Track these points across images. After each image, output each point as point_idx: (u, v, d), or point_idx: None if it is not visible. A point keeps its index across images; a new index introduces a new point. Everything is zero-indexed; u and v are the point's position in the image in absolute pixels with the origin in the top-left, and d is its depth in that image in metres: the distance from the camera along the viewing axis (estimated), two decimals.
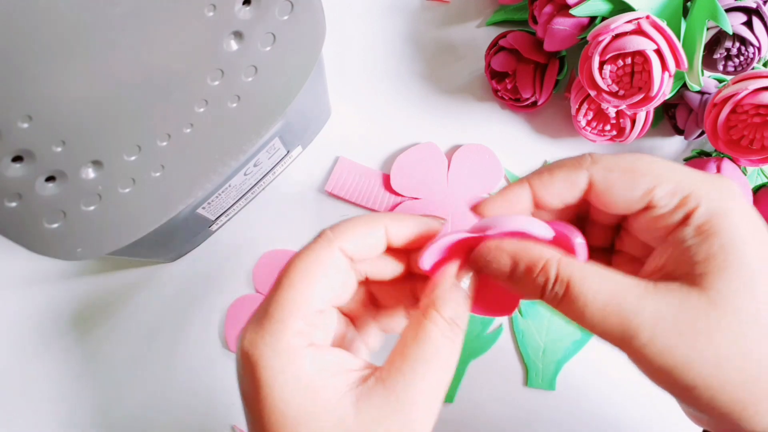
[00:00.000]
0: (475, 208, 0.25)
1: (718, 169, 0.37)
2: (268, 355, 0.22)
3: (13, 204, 0.26)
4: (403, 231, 0.25)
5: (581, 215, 0.27)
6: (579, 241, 0.24)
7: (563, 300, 0.22)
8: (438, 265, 0.25)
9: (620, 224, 0.26)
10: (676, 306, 0.21)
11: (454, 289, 0.24)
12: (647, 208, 0.23)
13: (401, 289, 0.27)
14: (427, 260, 0.25)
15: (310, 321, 0.23)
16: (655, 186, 0.23)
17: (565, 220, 0.26)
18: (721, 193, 0.22)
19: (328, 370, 0.22)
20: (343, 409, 0.22)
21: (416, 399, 0.22)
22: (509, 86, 0.43)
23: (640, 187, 0.23)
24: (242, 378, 0.22)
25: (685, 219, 0.22)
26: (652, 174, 0.23)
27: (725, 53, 0.38)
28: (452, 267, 0.24)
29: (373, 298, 0.28)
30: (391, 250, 0.26)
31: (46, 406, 0.41)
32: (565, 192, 0.24)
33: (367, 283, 0.27)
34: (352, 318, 0.28)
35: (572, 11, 0.38)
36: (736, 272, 0.21)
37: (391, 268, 0.26)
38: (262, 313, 0.23)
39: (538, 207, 0.25)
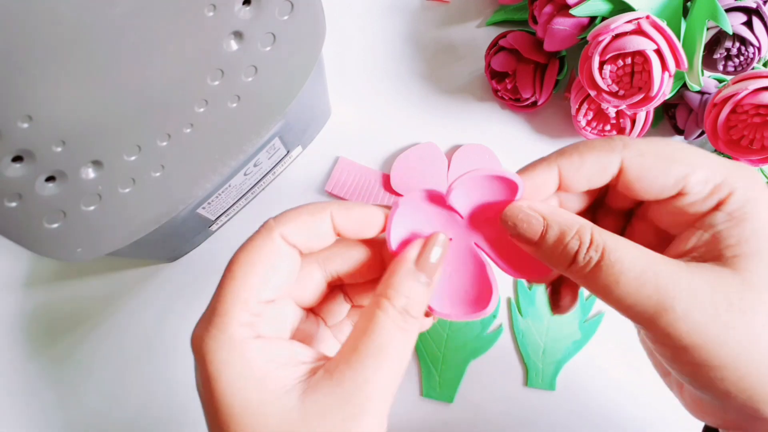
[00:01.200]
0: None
1: None
2: (214, 348, 0.22)
3: (13, 204, 0.26)
4: (349, 219, 0.24)
5: (598, 198, 0.26)
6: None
7: (596, 267, 0.21)
8: (406, 243, 0.24)
9: (633, 210, 0.26)
10: (712, 283, 0.21)
11: (408, 276, 0.23)
12: (678, 194, 0.23)
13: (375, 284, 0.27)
14: (393, 239, 0.24)
15: (255, 312, 0.23)
16: (689, 173, 0.22)
17: (583, 205, 0.26)
18: (752, 182, 0.22)
19: (275, 362, 0.22)
20: (289, 400, 0.21)
21: (364, 392, 0.21)
22: (509, 86, 0.43)
23: (674, 173, 0.22)
24: (196, 373, 0.23)
25: (718, 205, 0.22)
26: (686, 160, 0.22)
27: (725, 53, 0.38)
28: (411, 250, 0.24)
29: (347, 295, 0.28)
30: (363, 242, 0.26)
31: (45, 406, 0.41)
32: (595, 176, 0.23)
33: (340, 285, 0.27)
34: (323, 314, 0.27)
35: (572, 11, 0.38)
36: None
37: (360, 260, 0.26)
38: (209, 308, 0.23)
39: (561, 189, 0.24)
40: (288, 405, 0.21)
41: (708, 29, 0.37)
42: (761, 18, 0.37)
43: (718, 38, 0.38)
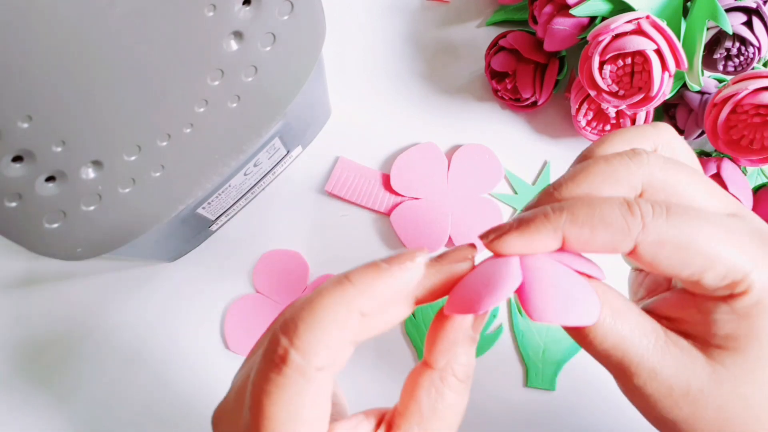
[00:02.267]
0: (485, 238, 0.22)
1: (718, 169, 0.37)
2: None
3: (13, 204, 0.26)
4: (377, 303, 0.20)
5: None
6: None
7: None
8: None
9: None
10: (679, 365, 0.21)
11: (469, 343, 0.22)
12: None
13: None
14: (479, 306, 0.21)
15: None
16: (707, 269, 0.21)
17: None
18: None
19: None
20: None
21: None
22: (509, 86, 0.43)
23: (689, 268, 0.21)
24: None
25: (727, 299, 0.21)
26: (705, 255, 0.21)
27: (725, 53, 0.38)
28: (467, 319, 0.22)
29: None
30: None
31: (45, 407, 0.41)
32: (603, 251, 0.22)
33: None
34: None
35: (572, 11, 0.38)
36: (754, 358, 0.21)
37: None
38: None
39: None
40: None
41: (708, 29, 0.37)
42: (761, 18, 0.37)
43: (718, 38, 0.38)
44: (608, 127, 0.41)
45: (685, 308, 0.23)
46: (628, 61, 0.36)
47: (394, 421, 0.22)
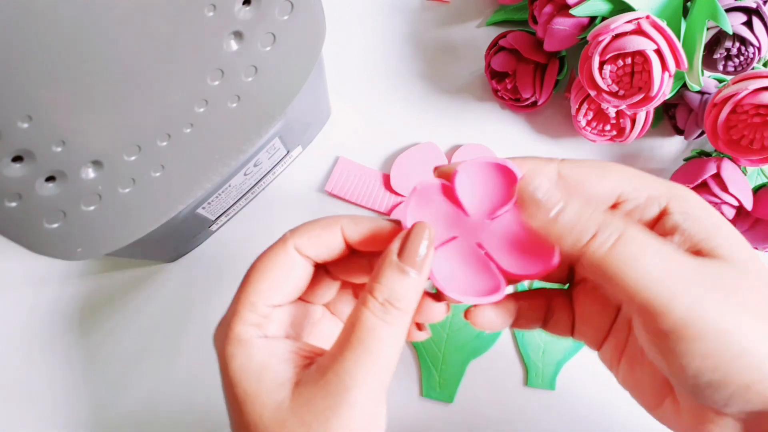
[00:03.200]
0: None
1: (718, 169, 0.37)
2: (225, 343, 0.24)
3: (13, 204, 0.26)
4: (358, 232, 0.25)
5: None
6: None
7: (614, 247, 0.21)
8: None
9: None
10: (716, 273, 0.22)
11: (390, 268, 0.23)
12: (618, 203, 0.25)
13: None
14: (409, 219, 0.25)
15: (263, 314, 0.25)
16: (622, 181, 0.25)
17: None
18: (683, 192, 0.24)
19: (276, 357, 0.24)
20: (283, 392, 0.23)
21: (344, 382, 0.22)
22: (509, 86, 0.43)
23: (608, 181, 0.25)
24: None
25: (662, 214, 0.24)
26: (617, 173, 0.25)
27: (725, 53, 0.38)
28: (395, 243, 0.24)
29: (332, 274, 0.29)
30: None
31: (46, 406, 0.41)
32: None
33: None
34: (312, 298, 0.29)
35: (572, 11, 0.38)
36: (736, 246, 0.22)
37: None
38: (228, 309, 0.26)
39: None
40: (280, 396, 0.23)
41: (708, 29, 0.37)
42: (761, 18, 0.37)
43: (718, 38, 0.38)
44: (608, 127, 0.41)
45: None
46: (628, 61, 0.36)
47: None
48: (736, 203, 0.37)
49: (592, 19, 0.39)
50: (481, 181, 0.25)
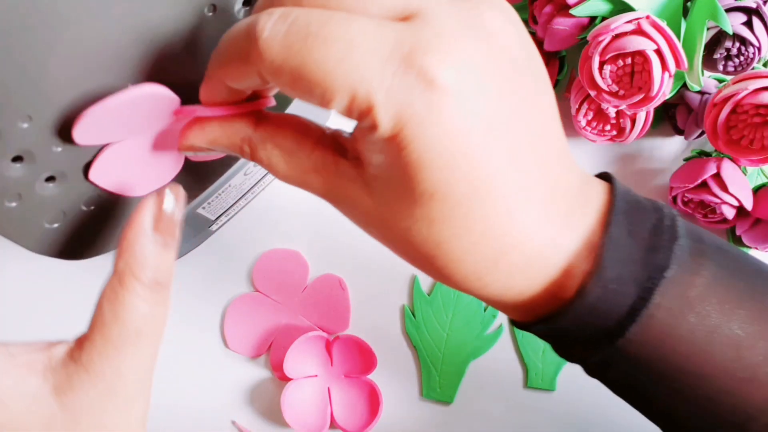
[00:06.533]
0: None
1: (718, 169, 0.37)
2: None
3: (13, 204, 0.25)
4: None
5: None
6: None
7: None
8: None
9: None
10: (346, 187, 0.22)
11: (150, 244, 0.21)
12: None
13: None
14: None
15: None
16: (330, 99, 0.18)
17: None
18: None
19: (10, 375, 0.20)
20: (46, 408, 0.20)
21: (129, 379, 0.21)
22: None
23: (312, 97, 0.19)
24: None
25: (370, 129, 0.19)
26: (318, 83, 0.18)
27: (725, 53, 0.38)
28: (145, 214, 0.21)
29: None
30: None
31: None
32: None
33: None
34: None
35: (572, 11, 0.38)
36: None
37: None
38: None
39: None
40: (45, 412, 0.20)
41: (708, 29, 0.37)
42: (761, 18, 0.37)
43: (718, 38, 0.38)
44: (608, 127, 0.41)
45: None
46: (628, 61, 0.36)
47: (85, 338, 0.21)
48: (736, 203, 0.37)
49: (592, 19, 0.39)
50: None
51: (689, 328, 0.21)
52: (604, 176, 0.24)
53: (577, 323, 0.21)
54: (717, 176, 0.37)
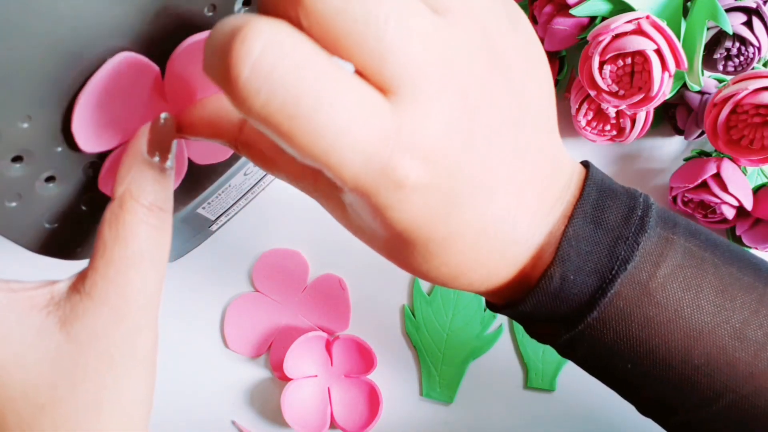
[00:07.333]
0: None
1: (718, 169, 0.37)
2: None
3: (13, 204, 0.25)
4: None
5: None
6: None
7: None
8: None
9: None
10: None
11: (147, 168, 0.21)
12: None
13: None
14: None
15: None
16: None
17: None
18: None
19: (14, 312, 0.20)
20: (49, 341, 0.19)
21: (132, 304, 0.20)
22: None
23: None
24: None
25: None
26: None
27: (725, 53, 0.38)
28: (139, 141, 0.22)
29: None
30: None
31: None
32: None
33: None
34: None
35: (572, 11, 0.38)
36: None
37: None
38: None
39: None
40: (50, 345, 0.19)
41: (708, 29, 0.37)
42: (761, 18, 0.37)
43: (718, 38, 0.38)
44: (608, 127, 0.41)
45: None
46: (628, 61, 0.36)
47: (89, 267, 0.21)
48: (736, 203, 0.37)
49: (592, 19, 0.39)
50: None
51: (648, 316, 0.22)
52: (583, 165, 0.25)
53: (539, 309, 0.22)
54: (717, 176, 0.37)
